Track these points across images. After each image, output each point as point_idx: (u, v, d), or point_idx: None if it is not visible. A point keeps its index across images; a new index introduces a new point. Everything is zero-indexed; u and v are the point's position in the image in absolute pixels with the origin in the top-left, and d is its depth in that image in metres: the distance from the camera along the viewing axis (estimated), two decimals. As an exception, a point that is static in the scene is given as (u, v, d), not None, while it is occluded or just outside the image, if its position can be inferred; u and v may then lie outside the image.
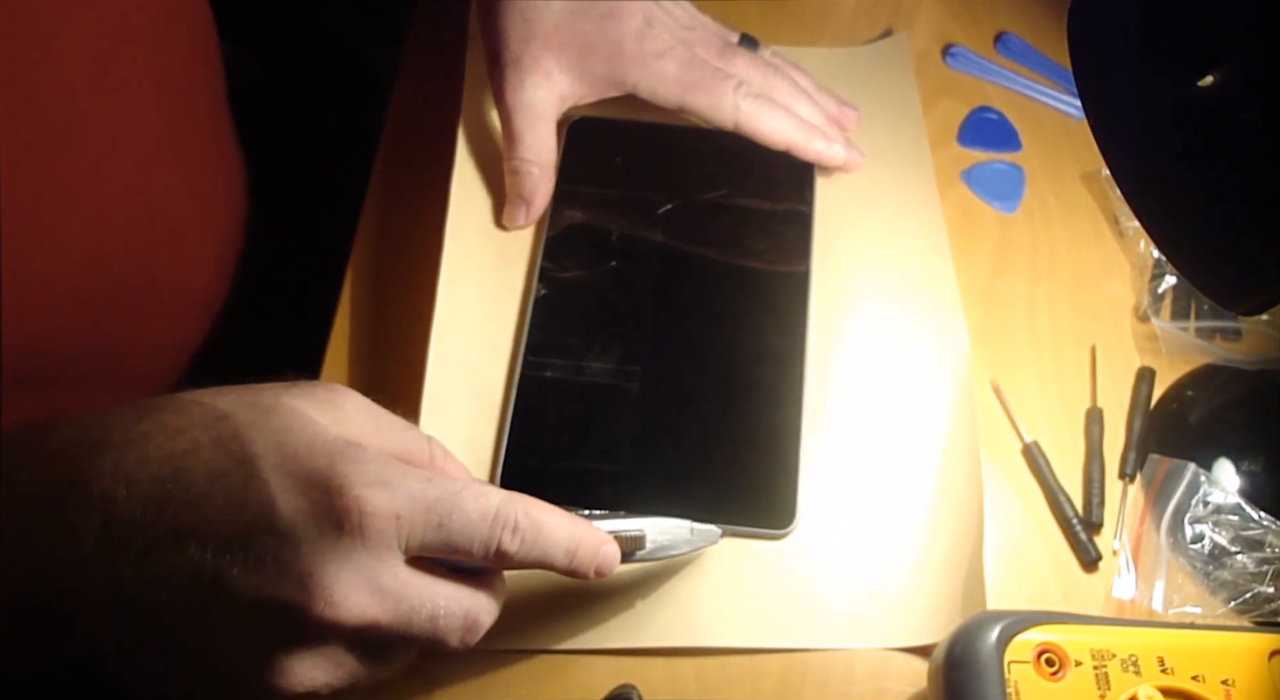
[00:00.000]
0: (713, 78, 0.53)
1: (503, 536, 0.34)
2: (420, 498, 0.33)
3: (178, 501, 0.31)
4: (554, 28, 0.52)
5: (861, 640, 0.43)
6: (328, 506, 0.31)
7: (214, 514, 0.31)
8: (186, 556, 0.31)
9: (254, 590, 0.31)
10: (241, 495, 0.31)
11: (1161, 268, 0.53)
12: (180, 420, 0.33)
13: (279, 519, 0.31)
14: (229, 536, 0.31)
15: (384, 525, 0.32)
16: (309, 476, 0.32)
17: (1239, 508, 0.45)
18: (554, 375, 0.47)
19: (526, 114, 0.52)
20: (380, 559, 0.32)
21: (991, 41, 0.64)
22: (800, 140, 0.54)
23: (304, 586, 0.31)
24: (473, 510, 0.33)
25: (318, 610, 0.31)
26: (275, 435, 0.33)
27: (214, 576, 0.31)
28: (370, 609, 0.32)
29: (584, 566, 0.36)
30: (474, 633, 0.35)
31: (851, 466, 0.47)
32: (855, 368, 0.50)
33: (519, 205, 0.52)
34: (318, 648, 0.32)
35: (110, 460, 0.32)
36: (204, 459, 0.32)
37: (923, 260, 0.53)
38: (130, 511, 0.31)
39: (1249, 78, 0.39)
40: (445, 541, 0.33)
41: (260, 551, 0.31)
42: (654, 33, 0.53)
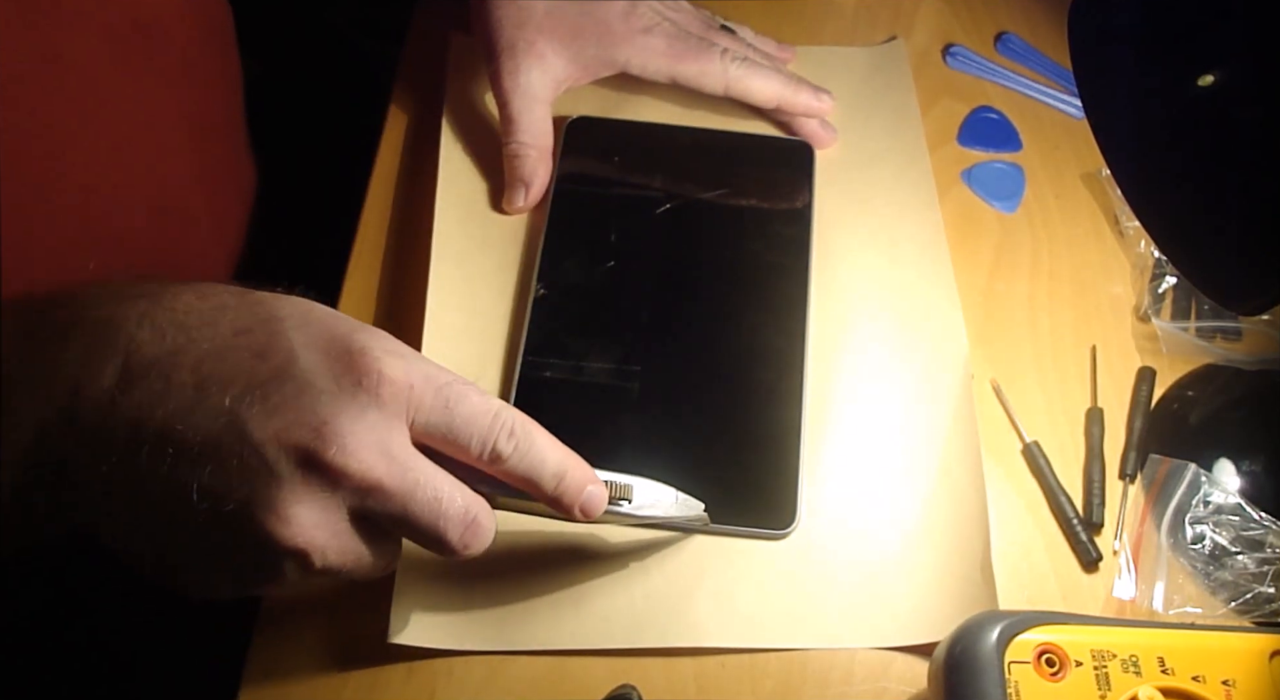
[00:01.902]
0: (699, 46, 0.55)
1: (499, 436, 0.35)
2: (434, 377, 0.34)
3: (201, 349, 0.32)
4: (545, 13, 0.53)
5: (862, 640, 0.43)
6: (348, 364, 0.33)
7: (237, 362, 0.32)
8: (207, 400, 0.32)
9: (270, 433, 0.31)
10: (265, 347, 0.33)
11: (1162, 268, 0.53)
12: (209, 287, 0.34)
13: (300, 370, 0.32)
14: (250, 383, 0.32)
15: (398, 391, 0.33)
16: (332, 338, 0.33)
17: (1240, 508, 0.45)
18: (553, 375, 0.47)
19: (523, 97, 0.53)
20: (391, 425, 0.33)
21: (992, 41, 0.64)
22: (790, 94, 0.56)
23: (319, 433, 0.31)
24: (478, 402, 0.35)
25: (330, 454, 0.31)
26: (299, 305, 0.35)
27: (231, 418, 0.31)
28: (377, 467, 0.32)
29: (569, 495, 0.36)
30: (474, 534, 0.35)
31: (851, 467, 0.47)
32: (855, 368, 0.49)
33: (518, 188, 0.53)
34: (323, 499, 0.32)
35: (138, 309, 0.33)
36: (230, 316, 0.33)
37: (922, 261, 0.53)
38: (154, 354, 0.32)
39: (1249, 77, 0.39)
40: (449, 426, 0.34)
41: (280, 398, 0.32)
42: (639, 11, 0.55)
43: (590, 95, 0.58)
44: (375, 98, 0.60)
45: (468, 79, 0.58)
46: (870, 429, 0.48)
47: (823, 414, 0.48)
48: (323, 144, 0.69)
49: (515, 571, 0.43)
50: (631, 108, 0.58)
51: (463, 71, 0.58)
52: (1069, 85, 0.61)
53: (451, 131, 0.56)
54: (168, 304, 0.33)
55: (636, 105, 0.58)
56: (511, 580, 0.43)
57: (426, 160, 0.55)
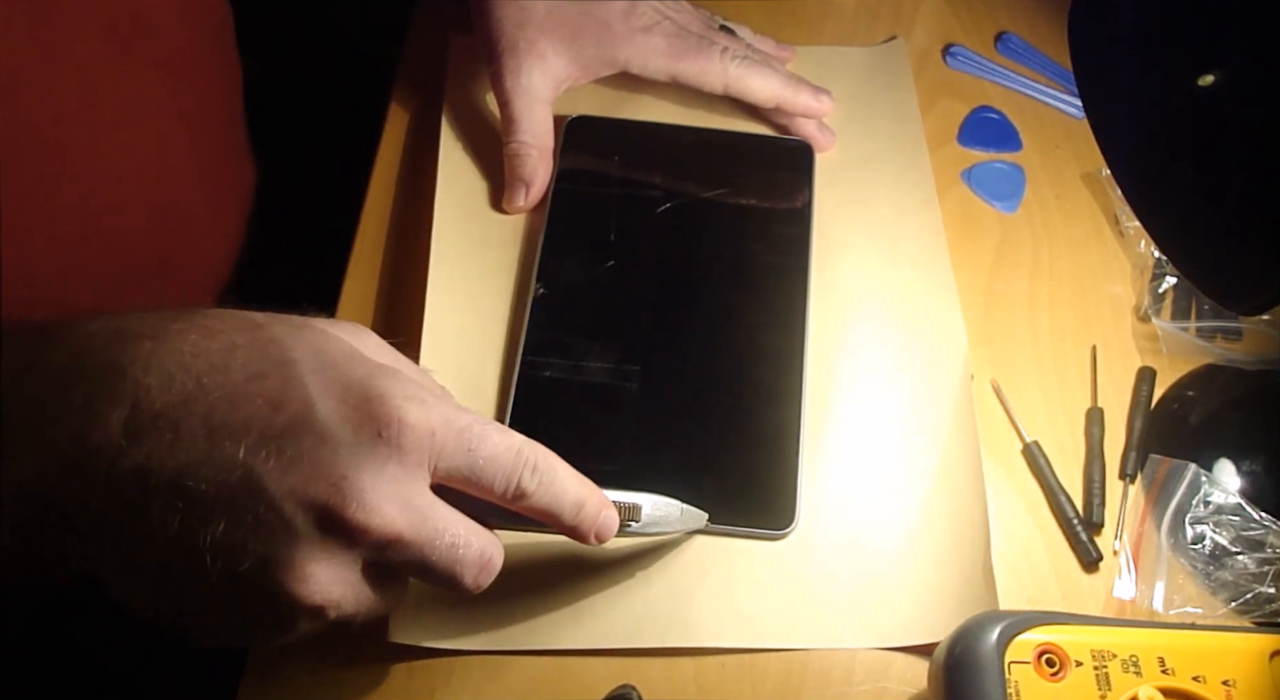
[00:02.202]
0: (699, 44, 0.55)
1: (523, 474, 0.34)
2: (454, 420, 0.33)
3: (213, 396, 0.31)
4: (546, 13, 0.53)
5: (861, 640, 0.43)
6: (367, 413, 0.31)
7: (250, 411, 0.31)
8: (220, 451, 0.30)
9: (287, 488, 0.30)
10: (279, 395, 0.31)
11: (1162, 268, 0.53)
12: (216, 323, 0.32)
13: (317, 420, 0.31)
14: (265, 434, 0.30)
15: (420, 439, 0.32)
16: (349, 384, 0.32)
17: (1240, 508, 0.45)
18: (553, 375, 0.47)
19: (524, 97, 0.53)
20: (412, 475, 0.32)
21: (992, 41, 0.64)
22: (789, 94, 0.56)
23: (338, 489, 0.30)
24: (499, 442, 0.34)
25: (350, 512, 0.30)
26: (313, 345, 0.33)
27: (246, 472, 0.30)
28: (398, 521, 0.31)
29: (586, 524, 0.36)
30: (488, 573, 0.34)
31: (851, 467, 0.47)
32: (854, 368, 0.49)
33: (519, 188, 0.53)
34: (341, 557, 0.31)
35: (144, 351, 0.31)
36: (241, 359, 0.31)
37: (921, 261, 0.53)
38: (163, 402, 0.30)
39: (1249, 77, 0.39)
40: (471, 468, 0.33)
41: (296, 452, 0.30)
42: (639, 11, 0.55)
43: (590, 94, 0.58)
44: (375, 98, 0.60)
45: (467, 80, 0.58)
46: (870, 429, 0.48)
47: (822, 414, 0.48)
48: (323, 144, 0.69)
49: (516, 572, 0.43)
50: (631, 107, 0.58)
51: (462, 72, 0.58)
52: (1069, 85, 0.61)
53: (451, 132, 0.56)
54: (174, 345, 0.31)
55: (636, 105, 0.58)
56: (512, 581, 0.42)
57: (426, 160, 0.55)
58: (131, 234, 0.48)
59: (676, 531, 0.42)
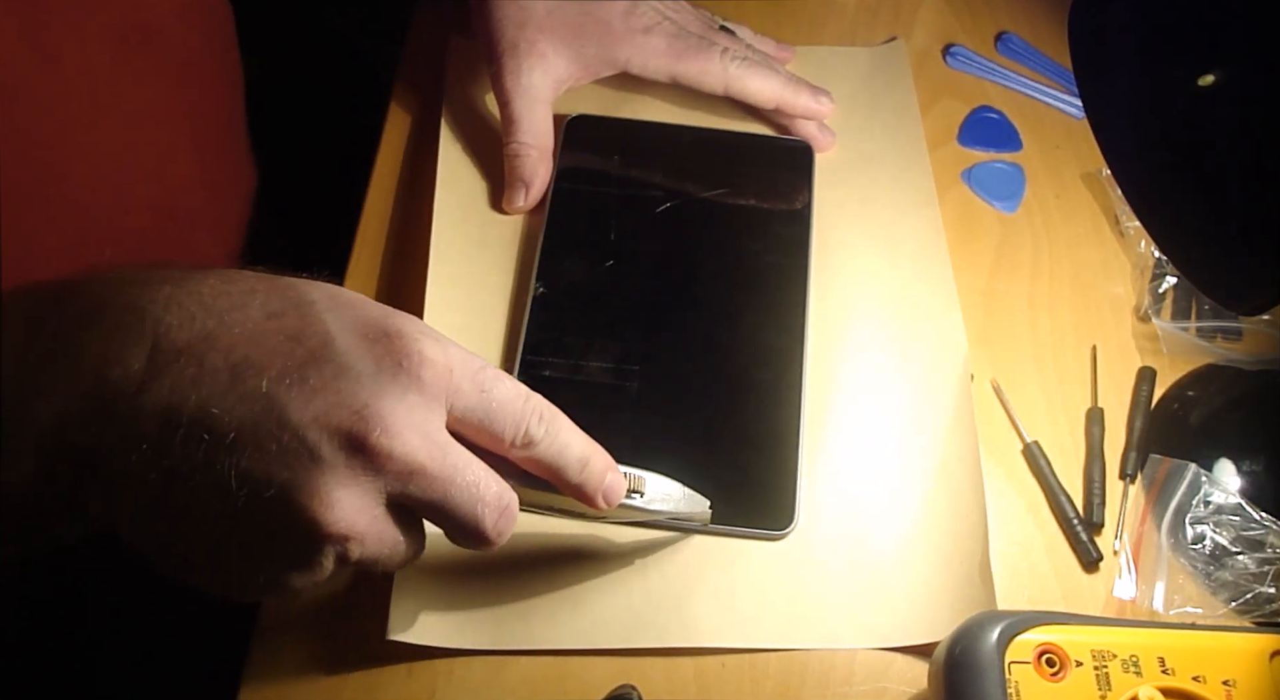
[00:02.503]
0: (699, 45, 0.55)
1: (531, 420, 0.35)
2: (468, 361, 0.34)
3: (234, 332, 0.31)
4: (546, 13, 0.53)
5: (861, 640, 0.43)
6: (387, 346, 0.32)
7: (272, 345, 0.31)
8: (242, 384, 0.30)
9: (310, 416, 0.30)
10: (299, 330, 0.32)
11: (1162, 268, 0.53)
12: (233, 272, 0.33)
13: (338, 352, 0.31)
14: (287, 366, 0.31)
15: (438, 374, 0.32)
16: (367, 320, 0.33)
17: (1240, 508, 0.45)
18: (552, 374, 0.47)
19: (525, 98, 0.53)
20: (431, 408, 0.33)
21: (992, 41, 0.64)
22: (789, 96, 0.56)
23: (361, 415, 0.31)
24: (510, 387, 0.35)
25: (374, 437, 0.31)
26: (328, 290, 0.34)
27: (269, 401, 0.30)
28: (420, 451, 0.32)
29: (592, 482, 0.36)
30: (507, 519, 0.34)
31: (850, 467, 0.47)
32: (854, 368, 0.49)
33: (519, 188, 0.53)
34: (366, 484, 0.31)
35: (163, 293, 0.32)
36: (260, 300, 0.32)
37: (921, 261, 0.53)
38: (184, 338, 0.31)
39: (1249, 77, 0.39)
40: (485, 410, 0.34)
41: (319, 380, 0.31)
42: (640, 11, 0.55)
43: (590, 94, 0.58)
44: (375, 98, 0.60)
45: (466, 81, 0.58)
46: (869, 429, 0.48)
47: (822, 414, 0.48)
48: (323, 144, 0.69)
49: (515, 571, 0.43)
50: (631, 107, 0.58)
51: (461, 74, 0.58)
52: (1069, 85, 0.61)
53: (450, 133, 0.56)
54: (193, 288, 0.32)
55: (636, 105, 0.58)
56: (511, 579, 0.43)
57: (427, 160, 0.55)
58: (132, 236, 0.48)
59: (678, 514, 0.41)
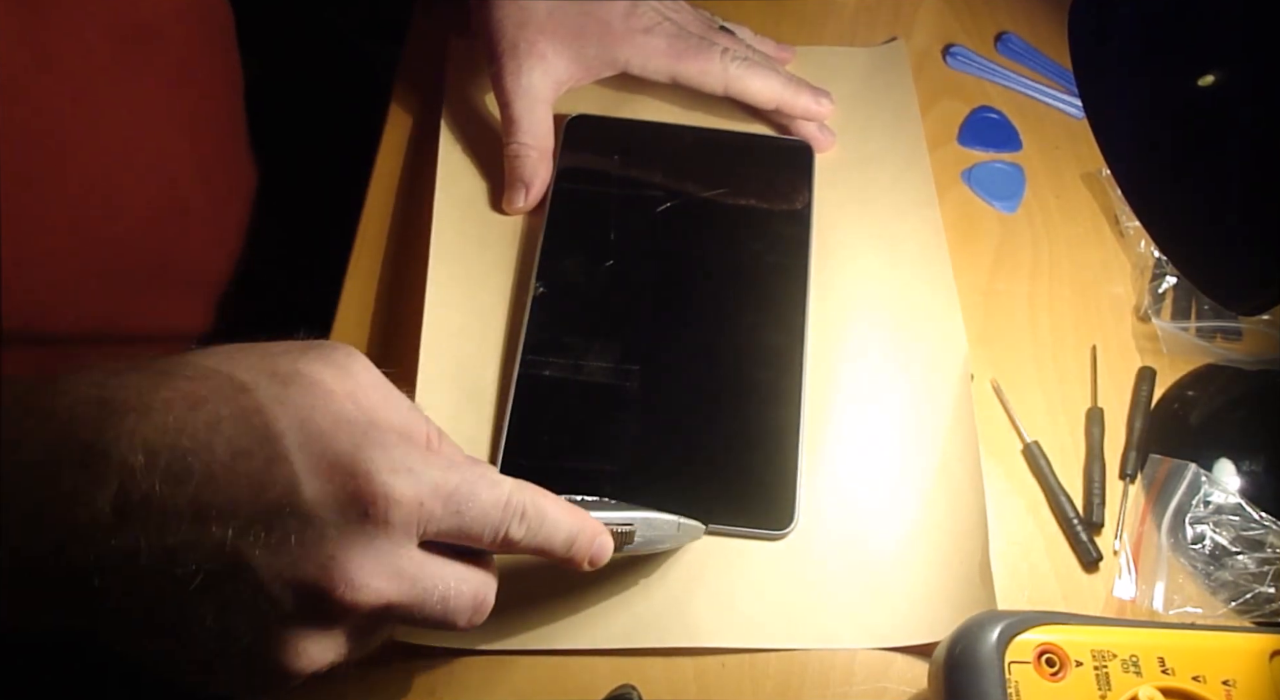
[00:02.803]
0: (700, 46, 0.55)
1: (511, 524, 0.34)
2: (442, 485, 0.33)
3: (199, 476, 0.31)
4: (547, 14, 0.53)
5: (860, 640, 0.43)
6: (354, 491, 0.31)
7: (237, 492, 0.31)
8: (208, 533, 0.30)
9: (275, 571, 0.31)
10: (265, 475, 0.31)
11: (1162, 268, 0.53)
12: (200, 389, 0.32)
13: (303, 501, 0.31)
14: (252, 516, 0.30)
15: (407, 513, 0.32)
16: (334, 458, 0.32)
17: (1240, 508, 0.45)
18: (552, 374, 0.47)
19: (525, 98, 0.53)
20: (399, 544, 0.32)
21: (992, 41, 0.64)
22: (789, 97, 0.56)
23: (326, 570, 0.31)
24: (487, 498, 0.34)
25: (339, 592, 0.31)
26: (298, 412, 0.32)
27: (234, 555, 0.30)
28: (387, 592, 0.32)
29: (580, 556, 0.37)
30: (481, 613, 0.35)
31: (850, 467, 0.47)
32: (854, 368, 0.49)
33: (519, 189, 0.53)
34: (332, 629, 0.32)
35: (127, 426, 0.31)
36: (226, 434, 0.31)
37: (921, 261, 0.53)
38: (150, 483, 0.30)
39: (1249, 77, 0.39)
40: (460, 528, 0.34)
41: (283, 533, 0.31)
42: (640, 11, 0.55)
43: (590, 94, 0.58)
44: (375, 98, 0.60)
45: (466, 82, 0.58)
46: (869, 430, 0.48)
47: (822, 414, 0.48)
48: (323, 144, 0.69)
49: (515, 572, 0.43)
50: (631, 107, 0.58)
51: (461, 74, 0.58)
52: (1069, 85, 0.61)
53: (450, 134, 0.56)
54: (158, 419, 0.31)
55: (636, 105, 0.58)
56: (511, 580, 0.42)
57: (427, 160, 0.55)
58: (131, 237, 0.48)
59: (674, 546, 0.42)
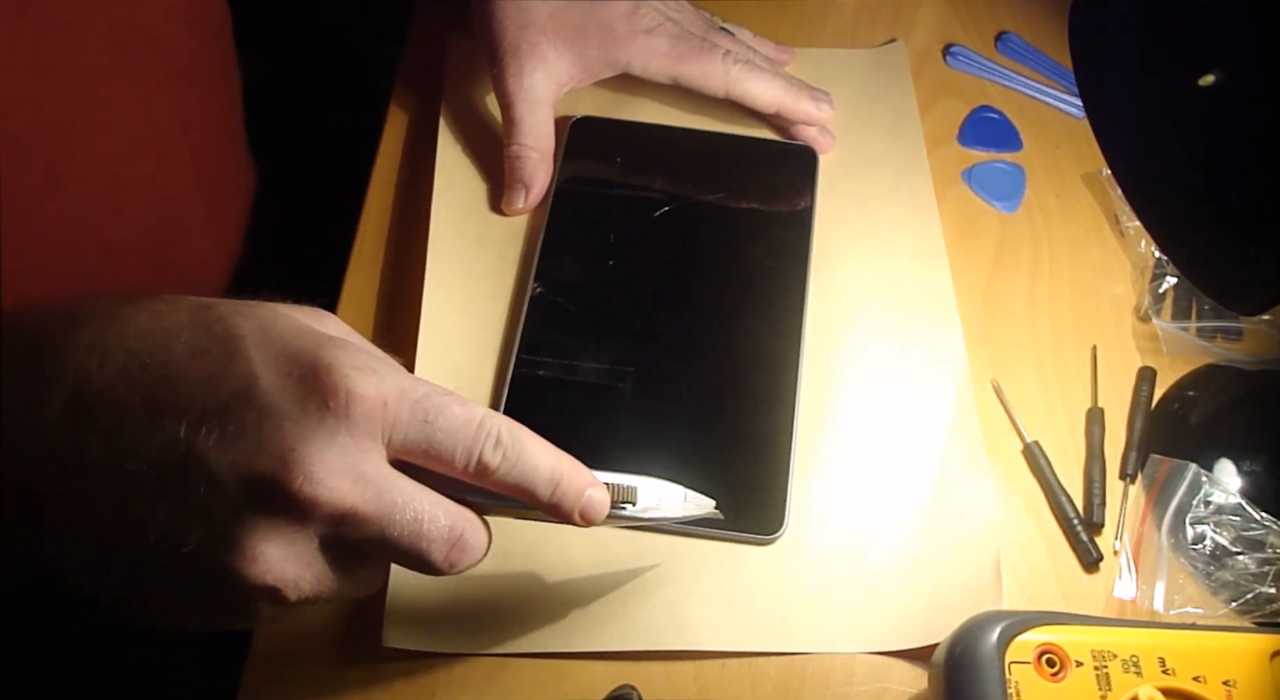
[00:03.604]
0: (701, 48, 0.55)
1: (485, 446, 0.32)
2: (409, 390, 0.32)
3: (154, 375, 0.30)
4: (548, 15, 0.53)
5: (855, 645, 0.42)
6: (314, 385, 0.30)
7: (192, 388, 0.30)
8: (160, 428, 0.29)
9: (229, 465, 0.29)
10: (222, 370, 0.30)
11: (1162, 268, 0.53)
12: (165, 306, 0.32)
13: (260, 393, 0.30)
14: (207, 409, 0.30)
15: (370, 409, 0.31)
16: (295, 356, 0.31)
17: (1240, 508, 0.45)
18: (547, 374, 0.47)
19: (526, 100, 0.53)
20: (364, 447, 0.31)
21: (992, 41, 0.64)
22: (790, 101, 0.56)
23: (284, 462, 0.29)
24: (459, 413, 0.32)
25: (296, 485, 0.29)
26: (260, 320, 0.32)
27: (188, 450, 0.29)
28: (350, 494, 0.30)
29: (567, 502, 0.34)
30: (461, 552, 0.33)
31: (845, 472, 0.47)
32: (850, 373, 0.49)
33: (518, 190, 0.53)
34: (292, 533, 0.30)
35: (88, 335, 0.31)
36: (185, 338, 0.31)
37: (920, 265, 0.53)
38: (103, 383, 0.30)
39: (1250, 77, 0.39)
40: (429, 440, 0.32)
41: (239, 425, 0.29)
42: (642, 12, 0.55)
43: (590, 96, 0.58)
44: (375, 98, 0.60)
45: (465, 81, 0.58)
46: (866, 434, 0.48)
47: (818, 418, 0.48)
48: (323, 145, 0.69)
49: (508, 574, 0.43)
50: (631, 109, 0.58)
51: (460, 73, 0.58)
52: (1069, 85, 0.61)
53: (448, 133, 0.56)
54: (119, 328, 0.31)
55: (636, 106, 0.58)
56: (504, 583, 0.43)
57: (427, 161, 0.55)
58: (131, 243, 0.48)
59: (679, 518, 0.39)
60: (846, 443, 0.47)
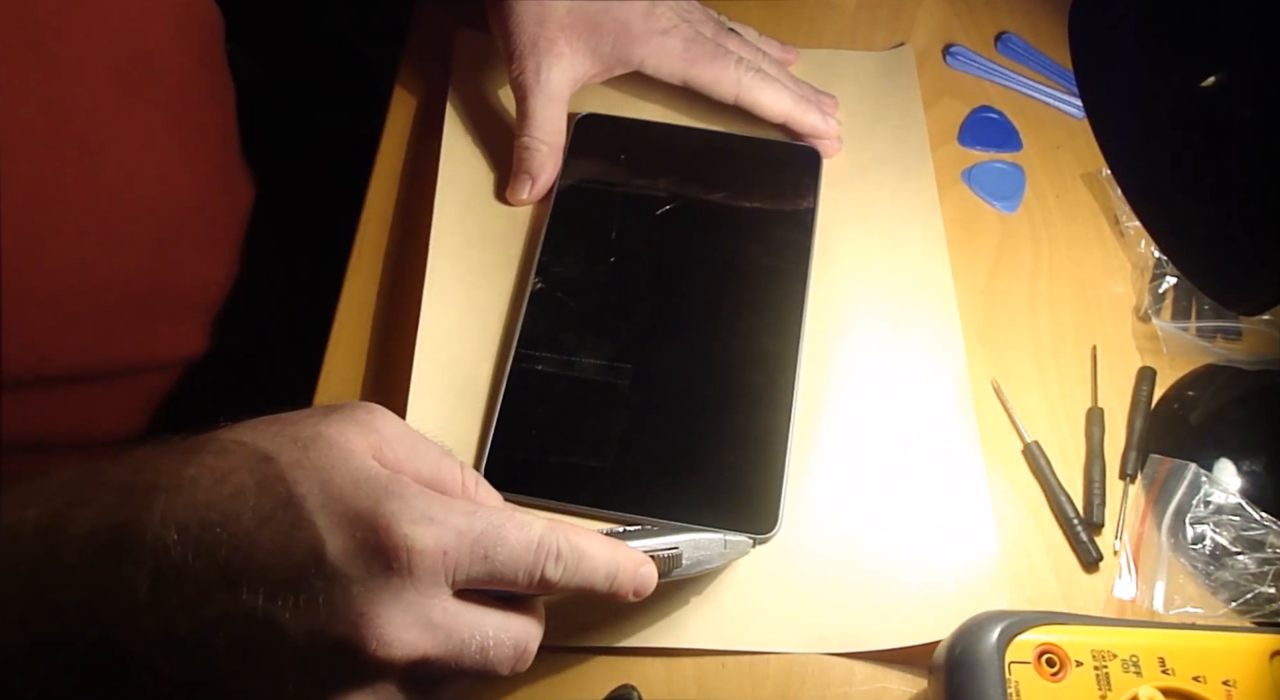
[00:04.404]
0: (715, 53, 0.55)
1: (546, 565, 0.34)
2: (466, 532, 0.33)
3: (228, 546, 0.31)
4: (566, 11, 0.53)
5: (852, 644, 0.42)
6: (376, 545, 0.31)
7: (264, 558, 0.31)
8: (239, 601, 0.31)
9: (307, 633, 0.31)
10: (289, 538, 0.31)
11: (1162, 268, 0.53)
12: (225, 463, 0.32)
13: (328, 561, 0.31)
14: (280, 580, 0.31)
15: (432, 562, 0.32)
16: (355, 515, 0.32)
17: (1240, 508, 0.45)
18: (545, 369, 0.47)
19: (542, 94, 0.53)
20: (429, 595, 0.32)
21: (992, 41, 0.64)
22: (798, 113, 0.56)
23: (356, 627, 0.31)
24: (517, 541, 0.34)
25: (371, 649, 0.31)
26: (319, 474, 0.32)
27: (267, 620, 0.30)
28: (421, 645, 0.32)
29: (623, 589, 0.37)
30: (524, 660, 0.35)
31: (842, 472, 0.47)
32: (849, 373, 0.49)
33: (524, 180, 0.53)
34: (371, 687, 0.32)
35: (160, 506, 0.31)
36: (251, 503, 0.32)
37: (921, 268, 0.53)
38: (182, 557, 0.31)
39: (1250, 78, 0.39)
40: (491, 573, 0.33)
41: (311, 594, 0.31)
42: (658, 12, 0.55)
43: (595, 92, 0.58)
44: (375, 99, 0.60)
45: (472, 76, 0.58)
46: (863, 434, 0.48)
47: (815, 419, 0.48)
48: (322, 145, 0.69)
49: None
50: (635, 107, 0.58)
51: (467, 69, 0.58)
52: (1069, 85, 0.61)
53: (454, 129, 0.56)
54: (187, 496, 0.32)
55: (640, 105, 0.58)
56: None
57: (426, 161, 0.55)
58: (130, 271, 0.48)
59: (722, 563, 0.42)
60: (844, 442, 0.47)
